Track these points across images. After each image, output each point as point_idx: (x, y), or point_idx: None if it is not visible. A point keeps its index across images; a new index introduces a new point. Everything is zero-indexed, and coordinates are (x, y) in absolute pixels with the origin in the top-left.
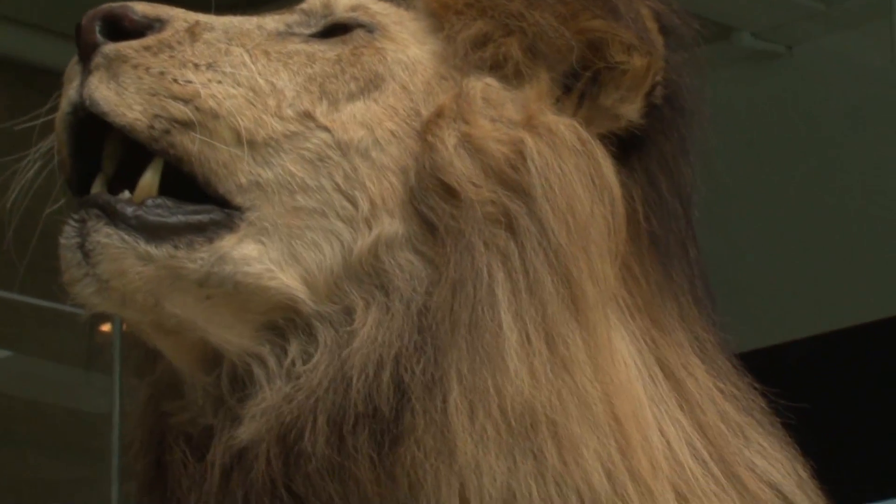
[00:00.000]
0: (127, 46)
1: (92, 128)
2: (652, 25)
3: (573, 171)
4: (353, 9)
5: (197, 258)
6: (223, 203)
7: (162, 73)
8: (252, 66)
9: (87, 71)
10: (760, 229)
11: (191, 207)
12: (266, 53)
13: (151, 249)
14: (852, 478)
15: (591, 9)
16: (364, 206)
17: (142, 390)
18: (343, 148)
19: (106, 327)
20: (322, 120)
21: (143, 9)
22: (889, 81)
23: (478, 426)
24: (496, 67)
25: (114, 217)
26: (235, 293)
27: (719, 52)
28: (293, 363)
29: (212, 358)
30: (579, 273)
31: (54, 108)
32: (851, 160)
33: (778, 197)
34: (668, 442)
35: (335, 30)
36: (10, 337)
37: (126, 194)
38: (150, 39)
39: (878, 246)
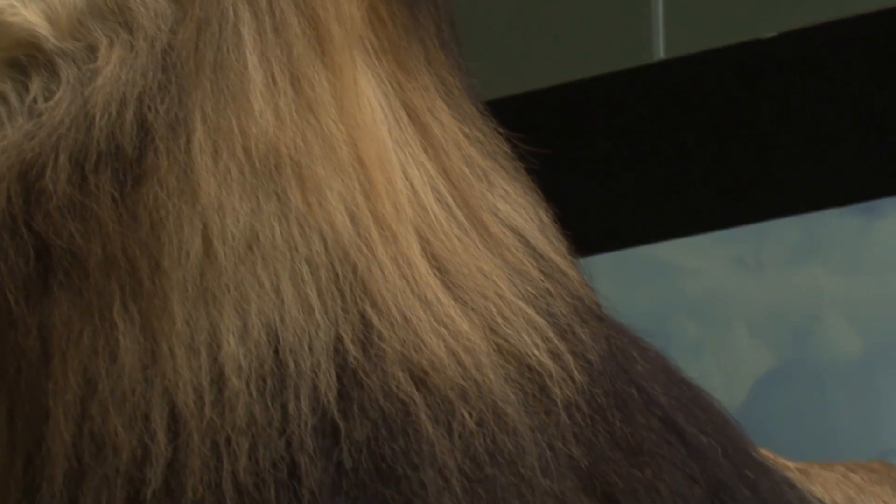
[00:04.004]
0: None
1: None
2: None
3: None
4: None
5: None
6: None
7: None
8: None
9: None
10: None
11: None
12: None
13: None
14: (595, 223)
15: None
16: None
17: None
18: None
19: None
20: None
21: None
22: None
23: (221, 167)
24: None
25: None
26: None
27: None
28: (35, 100)
29: None
30: (325, 14)
31: None
32: None
33: None
34: (412, 185)
35: None
36: None
37: None
38: None
39: None
